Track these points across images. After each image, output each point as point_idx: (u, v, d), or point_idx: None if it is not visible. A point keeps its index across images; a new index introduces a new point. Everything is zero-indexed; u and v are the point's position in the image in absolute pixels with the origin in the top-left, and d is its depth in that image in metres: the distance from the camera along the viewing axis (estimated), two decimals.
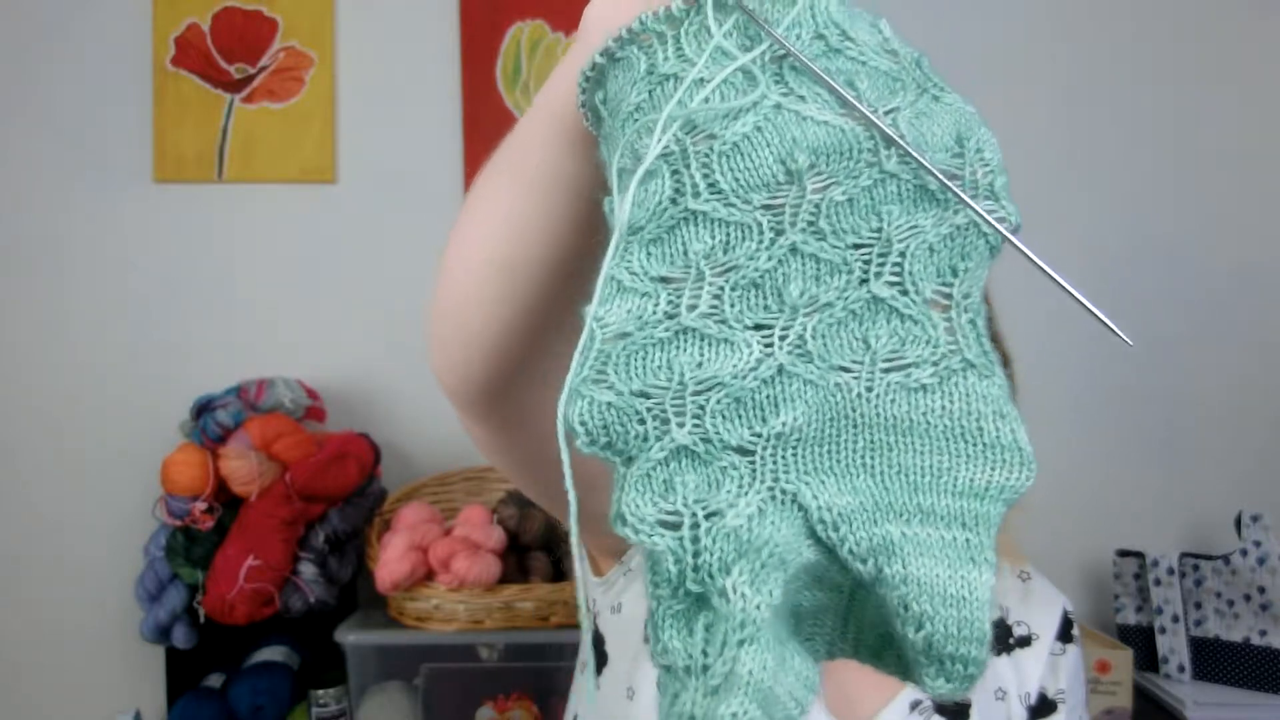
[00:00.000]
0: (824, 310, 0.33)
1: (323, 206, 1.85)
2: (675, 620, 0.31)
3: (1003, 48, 1.93)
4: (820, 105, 0.33)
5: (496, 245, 0.49)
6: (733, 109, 0.33)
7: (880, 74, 0.35)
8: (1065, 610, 0.78)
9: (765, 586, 0.30)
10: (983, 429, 0.32)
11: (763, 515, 0.31)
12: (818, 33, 0.35)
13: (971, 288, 0.34)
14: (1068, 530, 1.82)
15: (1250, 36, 1.96)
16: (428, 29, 1.86)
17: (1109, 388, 1.93)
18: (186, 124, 1.82)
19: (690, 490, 0.31)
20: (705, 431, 0.32)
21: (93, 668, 1.79)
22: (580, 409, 0.32)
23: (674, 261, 0.33)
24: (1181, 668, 1.67)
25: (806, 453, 0.32)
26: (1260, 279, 1.95)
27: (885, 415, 0.32)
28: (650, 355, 0.33)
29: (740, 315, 0.33)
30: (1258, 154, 1.96)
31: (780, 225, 0.33)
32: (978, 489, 0.32)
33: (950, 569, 0.31)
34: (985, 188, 0.35)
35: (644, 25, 0.35)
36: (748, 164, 0.33)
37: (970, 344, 0.33)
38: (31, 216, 1.81)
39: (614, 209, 0.34)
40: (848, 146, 0.33)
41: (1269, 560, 1.61)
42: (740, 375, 0.32)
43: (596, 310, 0.33)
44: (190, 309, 1.83)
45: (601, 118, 0.37)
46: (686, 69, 0.34)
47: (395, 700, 1.51)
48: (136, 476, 1.72)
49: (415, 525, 1.53)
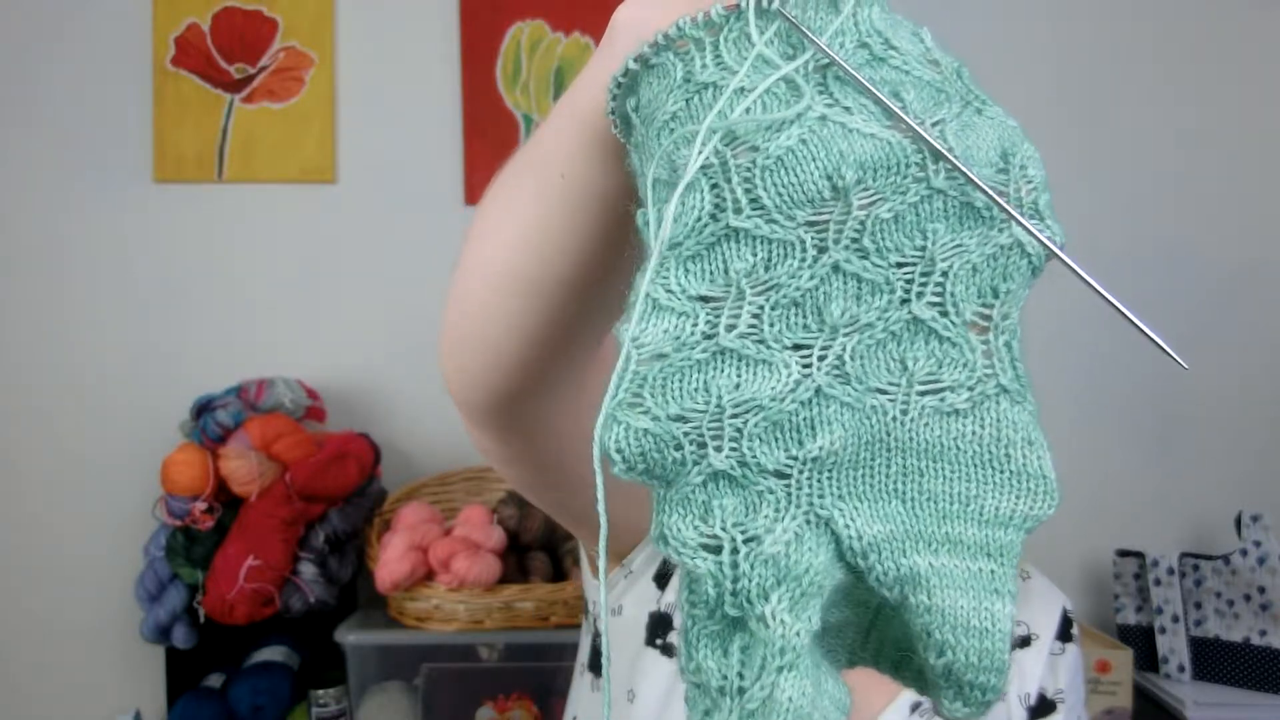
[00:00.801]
0: (864, 331, 0.32)
1: (323, 206, 1.85)
2: (710, 640, 0.31)
3: (1003, 47, 1.93)
4: (866, 117, 0.32)
5: (517, 258, 0.47)
6: (776, 121, 0.32)
7: (925, 84, 0.34)
8: (1065, 609, 0.78)
9: (805, 613, 0.30)
10: (1010, 456, 0.32)
11: (800, 541, 0.31)
12: (861, 41, 0.34)
13: (1011, 309, 0.34)
14: (1068, 530, 1.82)
15: (1250, 36, 1.96)
16: (428, 29, 1.86)
17: (1109, 387, 1.93)
18: (186, 124, 1.82)
19: (729, 514, 0.31)
20: (743, 455, 0.31)
21: (93, 668, 1.79)
22: (617, 436, 0.32)
23: (714, 280, 0.32)
24: (1181, 668, 1.67)
25: (842, 477, 0.32)
26: (1260, 279, 1.95)
27: (919, 439, 0.32)
28: (688, 378, 0.32)
29: (779, 335, 0.32)
30: (1258, 154, 1.96)
31: (823, 243, 0.32)
32: (1003, 518, 0.32)
33: (974, 601, 0.31)
34: (1030, 205, 0.34)
35: (681, 31, 0.34)
36: (792, 179, 0.32)
37: (1005, 369, 0.33)
38: (31, 216, 1.81)
39: (648, 222, 0.33)
40: (895, 161, 0.32)
41: (1269, 560, 1.61)
42: (778, 398, 0.32)
43: (633, 331, 0.32)
44: (190, 309, 1.83)
45: (633, 126, 0.36)
46: (726, 77, 0.33)
47: (395, 700, 1.51)
48: (136, 476, 1.72)
49: (415, 525, 1.53)
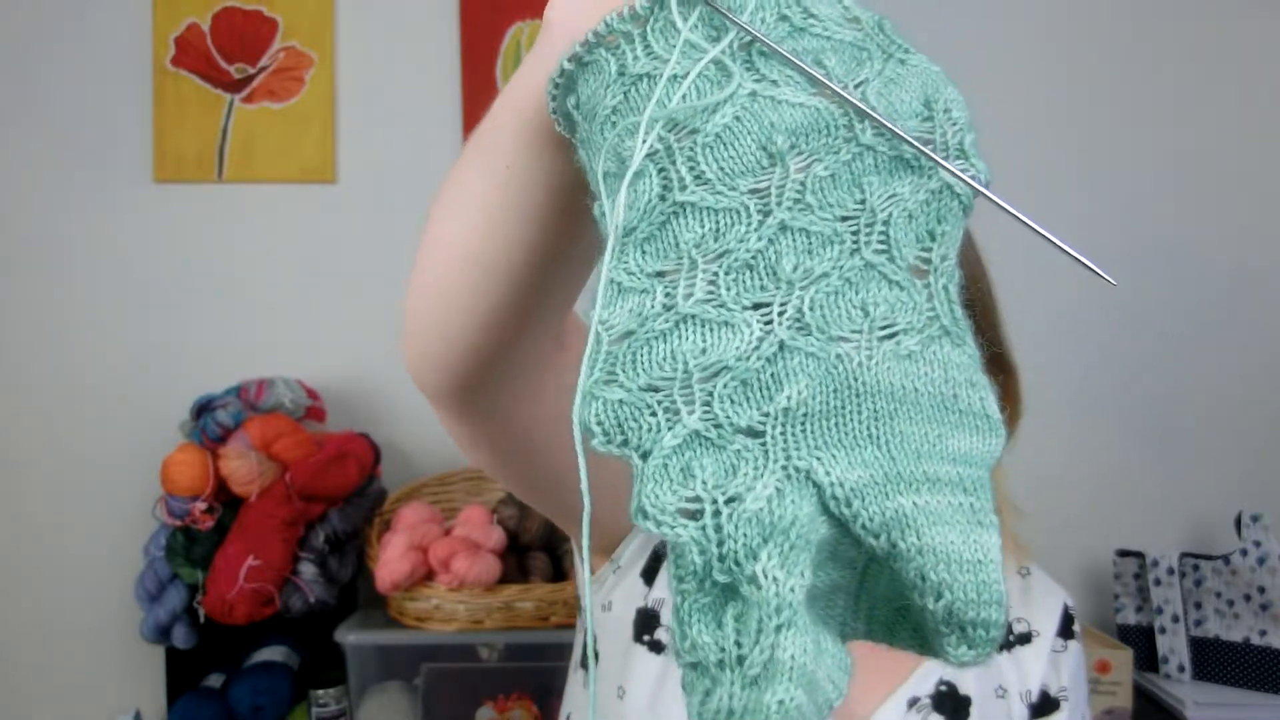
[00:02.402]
0: (820, 281, 0.33)
1: (323, 206, 1.85)
2: (703, 613, 0.30)
3: (1002, 48, 1.93)
4: (793, 88, 0.34)
5: (471, 243, 0.49)
6: (711, 104, 0.34)
7: (846, 46, 0.35)
8: (1066, 606, 0.77)
9: (796, 567, 0.29)
10: (958, 396, 0.33)
11: (781, 495, 0.30)
12: (781, 14, 0.35)
13: (948, 250, 0.35)
14: (1068, 530, 1.82)
15: (1250, 36, 1.96)
16: (428, 29, 1.86)
17: (1109, 387, 1.93)
18: (186, 124, 1.82)
19: (709, 475, 0.31)
20: (715, 416, 0.32)
21: (93, 668, 1.79)
22: (595, 410, 0.32)
23: (667, 255, 0.34)
24: (1181, 668, 1.68)
25: (815, 427, 0.32)
26: (1260, 280, 1.95)
27: (884, 383, 0.32)
28: (654, 348, 0.33)
29: (738, 297, 0.33)
30: (1258, 154, 1.96)
31: (767, 206, 0.33)
32: (968, 456, 0.32)
33: (962, 534, 0.30)
34: (955, 147, 0.35)
35: (610, 27, 0.35)
36: (731, 152, 0.33)
37: (945, 311, 0.34)
38: (31, 216, 1.81)
39: (604, 213, 0.35)
40: (824, 124, 0.34)
41: (1269, 560, 1.61)
42: (744, 356, 0.32)
43: (600, 314, 0.33)
44: (190, 309, 1.83)
45: (575, 122, 0.37)
46: (659, 67, 0.34)
47: (395, 700, 1.52)
48: (136, 476, 1.71)
49: (415, 525, 1.53)
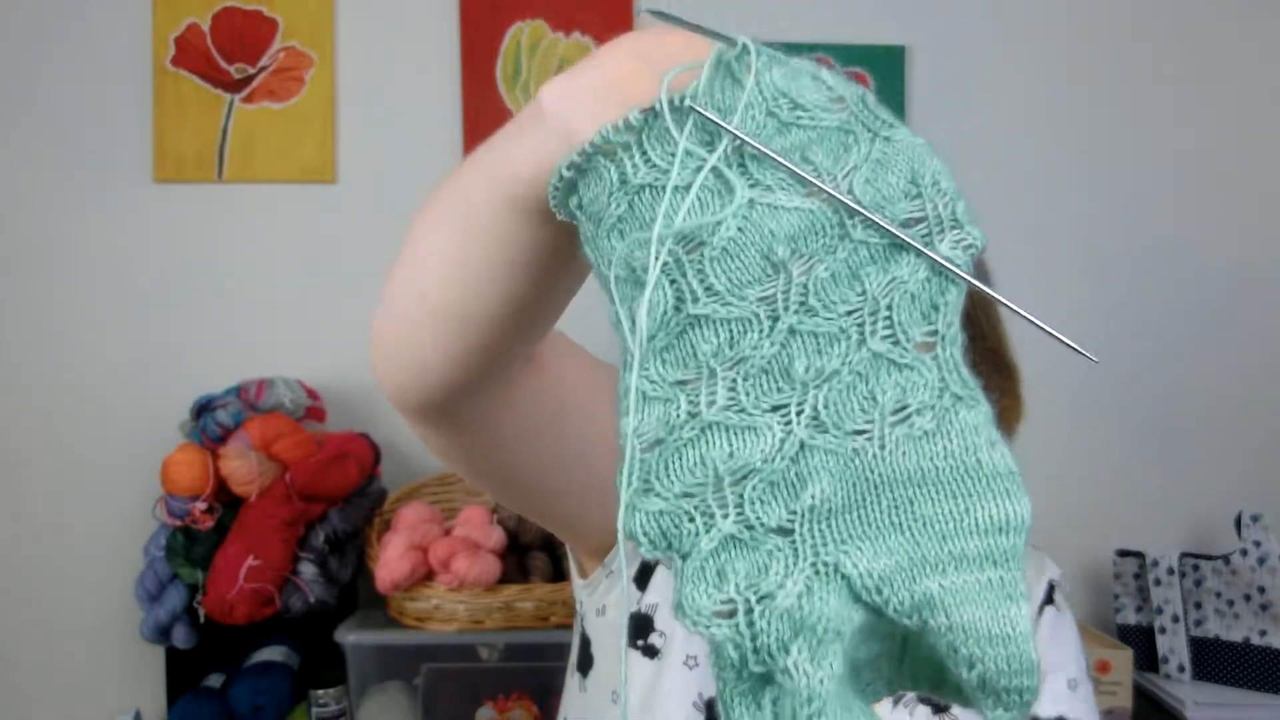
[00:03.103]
0: (832, 379, 0.34)
1: (323, 206, 1.85)
2: (743, 699, 0.32)
3: (1002, 48, 1.93)
4: (787, 191, 0.35)
5: (444, 295, 0.49)
6: (716, 220, 0.35)
7: (832, 133, 0.37)
8: (1051, 582, 0.76)
9: (825, 660, 0.31)
10: (981, 462, 0.33)
11: (811, 592, 0.32)
12: (769, 110, 0.36)
13: (953, 318, 0.35)
14: (1068, 530, 1.82)
15: (1250, 36, 1.96)
16: (428, 29, 1.86)
17: (1109, 388, 1.93)
18: (186, 124, 1.82)
19: (741, 577, 0.33)
20: (747, 519, 0.33)
21: (93, 668, 1.79)
22: (639, 521, 0.34)
23: (687, 365, 0.35)
24: (1181, 668, 1.68)
25: (839, 522, 0.33)
26: (1260, 280, 1.95)
27: (901, 470, 0.33)
28: (684, 456, 0.34)
29: (757, 401, 0.34)
30: (1258, 154, 1.96)
31: (775, 312, 0.35)
32: (998, 524, 0.33)
33: (990, 610, 0.32)
34: (949, 218, 0.36)
35: (606, 139, 0.37)
36: (737, 264, 0.35)
37: (954, 377, 0.35)
38: (31, 216, 1.81)
39: (619, 320, 0.36)
40: (819, 226, 0.35)
41: (1269, 560, 1.61)
42: (769, 458, 0.34)
43: (631, 425, 0.35)
44: (190, 309, 1.82)
45: (580, 220, 0.39)
46: (659, 177, 0.36)
47: (395, 700, 1.52)
48: (136, 476, 1.71)
49: (415, 525, 1.53)
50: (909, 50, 1.90)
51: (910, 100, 1.90)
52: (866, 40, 1.90)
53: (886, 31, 1.90)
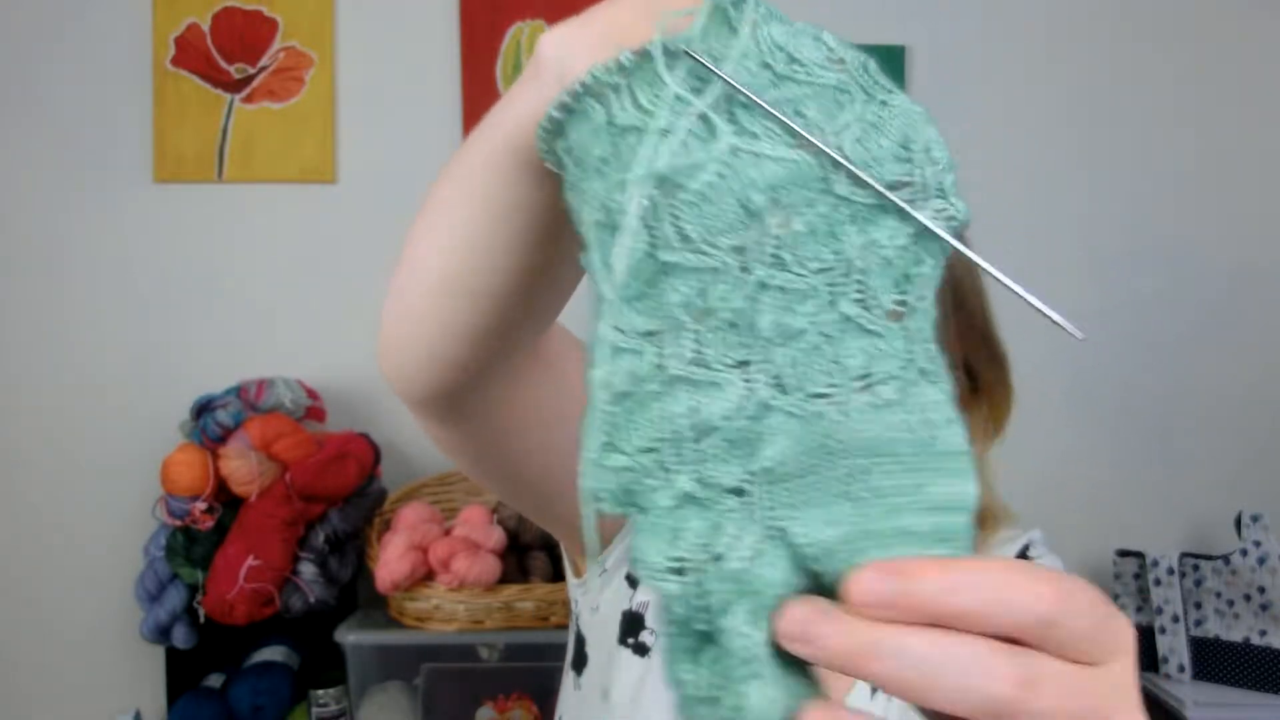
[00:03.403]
0: (798, 338, 0.34)
1: (323, 206, 1.85)
2: (686, 655, 0.33)
3: (1002, 48, 1.93)
4: (773, 141, 0.35)
5: (450, 267, 0.49)
6: (696, 162, 0.34)
7: (828, 90, 0.36)
8: (1025, 545, 0.73)
9: (766, 624, 0.32)
10: (937, 438, 0.33)
11: (761, 555, 0.32)
12: (764, 61, 0.36)
13: (926, 290, 0.35)
14: (1068, 530, 1.82)
15: (1250, 36, 1.96)
16: (428, 29, 1.86)
17: (1109, 387, 1.93)
18: (186, 124, 1.82)
19: (696, 536, 0.33)
20: (704, 477, 0.33)
21: (93, 668, 1.79)
22: (602, 480, 0.34)
23: (655, 314, 0.35)
24: (1181, 668, 1.67)
25: (793, 487, 0.33)
26: (1260, 280, 1.95)
27: (859, 438, 0.33)
28: (648, 410, 0.34)
29: (721, 356, 0.34)
30: (1258, 154, 1.96)
31: (747, 264, 0.34)
32: (950, 502, 0.33)
33: None
34: (936, 187, 0.35)
35: (596, 79, 0.36)
36: (713, 210, 0.34)
37: (921, 351, 0.34)
38: (31, 216, 1.81)
39: (593, 265, 0.36)
40: (801, 178, 0.34)
41: (1269, 560, 1.61)
42: (730, 416, 0.34)
43: (597, 374, 0.35)
44: (190, 309, 1.82)
45: (565, 164, 0.38)
46: (645, 120, 0.35)
47: (395, 700, 1.52)
48: (136, 476, 1.71)
49: (415, 525, 1.53)
50: (909, 50, 1.90)
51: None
52: (866, 40, 1.90)
53: (886, 31, 1.90)
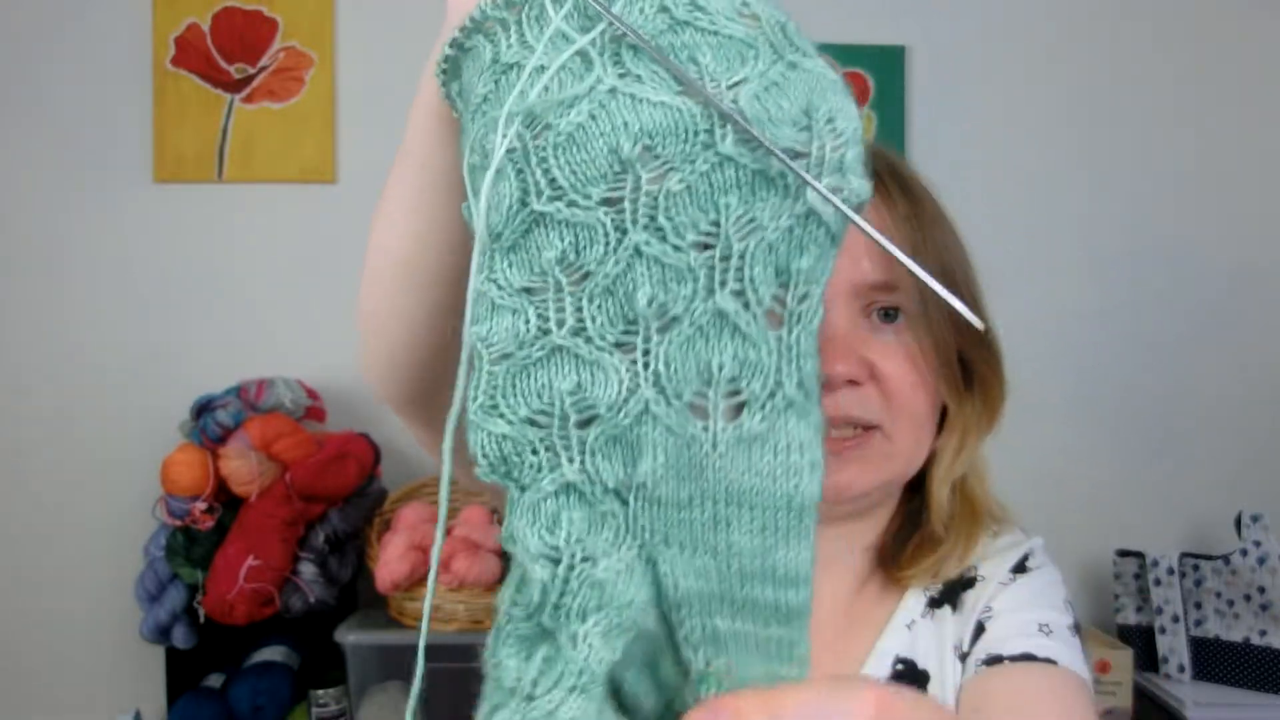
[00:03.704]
0: (674, 327, 0.32)
1: (323, 206, 1.85)
2: (518, 642, 0.32)
3: (1002, 48, 1.93)
4: (657, 85, 0.31)
5: (403, 248, 0.48)
6: (568, 98, 0.32)
7: (732, 42, 0.32)
8: (1025, 553, 0.73)
9: (612, 644, 0.31)
10: (797, 490, 0.32)
11: (630, 573, 0.31)
12: (661, 5, 0.33)
13: (810, 289, 0.32)
14: (1068, 530, 1.82)
15: (1250, 36, 1.96)
16: (428, 29, 1.85)
17: (1109, 388, 1.93)
18: (186, 124, 1.82)
19: (574, 528, 0.32)
20: (589, 471, 0.32)
21: (93, 668, 1.79)
22: (481, 440, 0.33)
23: (532, 269, 0.32)
24: (1181, 668, 1.67)
25: (666, 516, 0.32)
26: (1260, 280, 1.95)
27: (726, 478, 0.32)
28: (532, 377, 0.32)
29: (603, 330, 0.32)
30: (1258, 154, 1.96)
31: (622, 223, 0.32)
32: (791, 575, 0.32)
33: (765, 669, 0.32)
34: (833, 162, 0.31)
35: (485, 13, 0.34)
36: (582, 155, 0.31)
37: (793, 373, 0.32)
38: (31, 216, 1.81)
39: (470, 212, 0.34)
40: (683, 128, 0.31)
41: (1269, 560, 1.61)
42: (614, 407, 0.32)
43: (477, 329, 0.33)
44: (190, 309, 1.82)
45: (457, 107, 0.36)
46: (528, 56, 0.33)
47: (395, 700, 1.52)
48: (136, 476, 1.71)
49: (415, 525, 1.53)
50: (909, 50, 1.90)
51: (910, 100, 1.90)
52: (866, 40, 1.90)
53: (886, 31, 1.90)
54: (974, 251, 0.72)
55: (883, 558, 0.73)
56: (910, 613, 0.71)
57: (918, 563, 0.70)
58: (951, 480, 0.72)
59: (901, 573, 0.71)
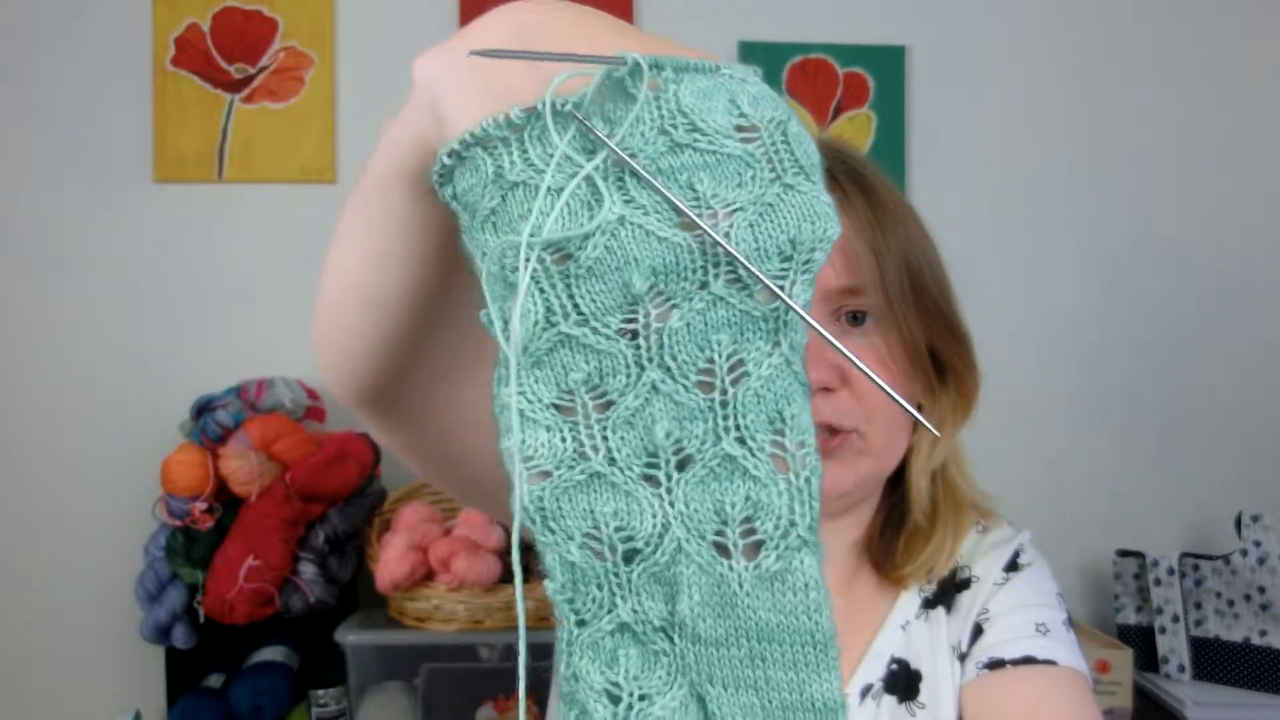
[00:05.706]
0: (690, 465, 0.33)
1: (323, 206, 1.85)
2: None
3: (1002, 48, 1.93)
4: (661, 217, 0.33)
5: (360, 283, 0.50)
6: (584, 232, 0.33)
7: (730, 161, 0.33)
8: (1016, 550, 0.74)
9: None
10: (818, 626, 0.33)
11: (685, 711, 0.33)
12: (662, 128, 0.33)
13: (805, 436, 0.33)
14: (1068, 530, 1.82)
15: (1250, 36, 1.96)
16: (428, 29, 1.86)
17: (1109, 388, 1.93)
18: (186, 124, 1.82)
19: (632, 666, 0.34)
20: (641, 611, 0.34)
21: (93, 668, 1.79)
22: (551, 561, 0.34)
23: (560, 386, 0.34)
24: (1181, 668, 1.67)
25: (709, 655, 0.34)
26: (1260, 279, 1.95)
27: (756, 615, 0.33)
28: (575, 500, 0.34)
29: (629, 461, 0.34)
30: (1258, 154, 1.96)
31: (640, 359, 0.33)
32: (825, 705, 0.33)
33: None
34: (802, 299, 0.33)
35: (486, 132, 0.35)
36: (600, 286, 0.33)
37: (805, 514, 0.33)
38: (31, 216, 1.81)
39: (490, 320, 0.35)
40: (682, 265, 0.32)
41: (1269, 560, 1.61)
42: (650, 544, 0.34)
43: (516, 445, 0.34)
44: (190, 309, 1.82)
45: (458, 210, 0.37)
46: (534, 177, 0.34)
47: (395, 700, 1.51)
48: (136, 476, 1.71)
49: (415, 525, 1.53)
50: (909, 50, 1.90)
51: (910, 100, 1.90)
52: (866, 40, 1.90)
53: (886, 31, 1.90)
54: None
55: (875, 557, 0.74)
56: (905, 614, 0.72)
57: (911, 559, 0.71)
58: (930, 470, 0.72)
59: (897, 571, 0.72)
